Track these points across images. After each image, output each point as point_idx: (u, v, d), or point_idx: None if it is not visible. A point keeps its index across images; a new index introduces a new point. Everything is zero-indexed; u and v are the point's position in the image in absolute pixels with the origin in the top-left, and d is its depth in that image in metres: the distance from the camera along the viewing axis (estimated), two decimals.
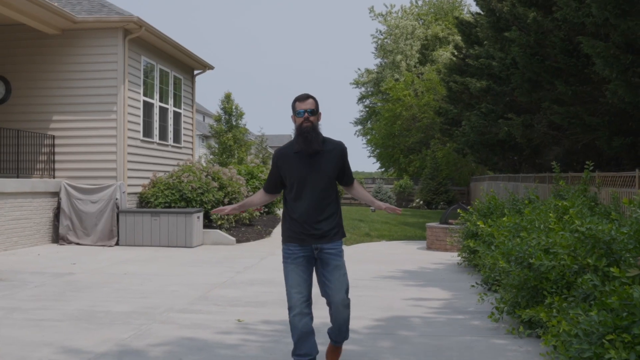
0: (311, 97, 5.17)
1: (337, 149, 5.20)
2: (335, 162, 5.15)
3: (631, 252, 5.13)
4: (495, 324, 6.98)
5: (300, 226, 5.11)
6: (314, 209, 5.11)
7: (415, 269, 11.59)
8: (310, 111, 5.08)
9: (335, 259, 5.10)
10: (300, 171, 5.12)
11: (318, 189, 5.12)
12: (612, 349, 4.12)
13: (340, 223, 5.25)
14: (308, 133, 5.06)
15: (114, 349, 5.94)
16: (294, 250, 5.11)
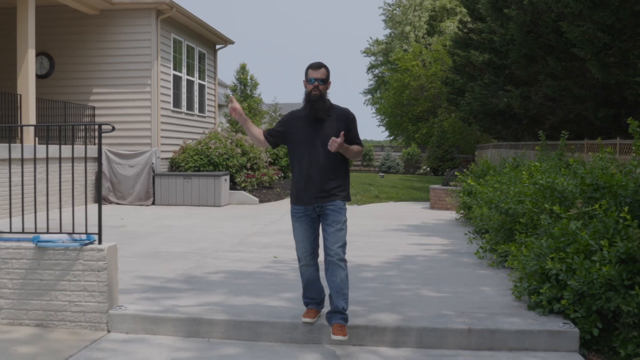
0: (324, 66, 5.52)
1: (342, 115, 5.56)
2: (339, 129, 5.43)
3: (577, 198, 6.83)
4: (480, 260, 8.75)
5: (304, 188, 5.49)
6: (316, 172, 5.46)
7: (419, 223, 13.33)
8: (321, 80, 5.45)
9: (334, 214, 5.44)
10: (305, 134, 5.50)
11: (320, 152, 5.44)
12: (551, 262, 5.85)
13: (342, 185, 5.56)
14: (316, 101, 5.45)
15: (180, 275, 7.70)
16: (298, 210, 5.56)
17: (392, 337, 5.52)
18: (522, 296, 6.39)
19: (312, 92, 5.45)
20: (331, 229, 5.42)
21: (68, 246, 5.85)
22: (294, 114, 5.69)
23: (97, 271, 5.82)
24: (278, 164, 22.87)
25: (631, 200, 6.27)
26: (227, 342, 5.59)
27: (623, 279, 5.50)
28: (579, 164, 7.69)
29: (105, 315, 5.85)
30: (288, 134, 5.61)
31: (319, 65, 5.50)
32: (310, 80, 5.47)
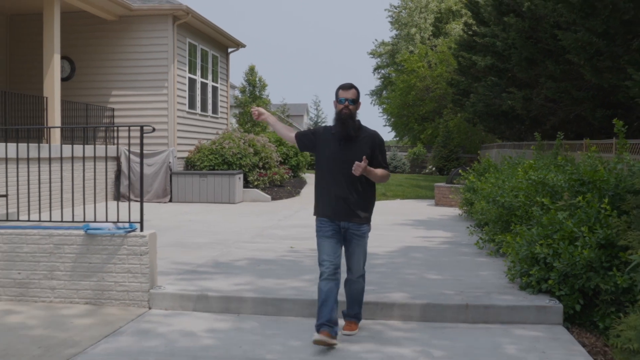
0: (354, 87, 5.66)
1: (370, 137, 5.69)
2: (366, 149, 5.60)
3: (565, 191, 7.60)
4: (479, 249, 9.54)
5: (328, 204, 5.65)
6: (342, 189, 5.59)
7: (424, 218, 14.11)
8: (351, 100, 5.60)
9: (360, 239, 5.67)
10: (333, 150, 5.63)
11: (346, 172, 5.55)
12: (539, 247, 6.64)
13: (366, 206, 5.71)
14: (346, 120, 5.58)
15: (208, 262, 8.51)
16: (324, 224, 5.66)
17: (400, 312, 6.32)
18: (515, 278, 7.18)
19: (343, 111, 5.59)
20: (355, 252, 5.70)
21: (114, 233, 6.66)
22: (325, 129, 5.81)
23: (139, 255, 6.63)
24: (288, 164, 23.63)
25: (612, 194, 7.06)
26: (255, 316, 6.40)
27: (602, 262, 6.28)
28: (567, 162, 8.48)
29: (147, 294, 6.65)
30: (317, 144, 5.77)
31: (349, 86, 5.66)
32: (340, 100, 5.61)
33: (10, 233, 6.84)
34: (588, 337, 6.01)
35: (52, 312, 6.49)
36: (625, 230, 6.28)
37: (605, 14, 11.07)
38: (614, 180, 7.14)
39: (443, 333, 5.92)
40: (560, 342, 5.68)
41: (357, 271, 5.77)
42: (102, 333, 5.81)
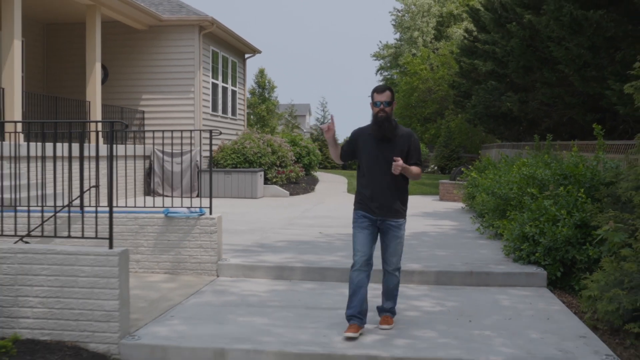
0: (388, 88, 5.92)
1: (405, 136, 5.96)
2: (402, 147, 5.89)
3: (550, 184, 9.26)
4: (480, 234, 11.23)
5: (368, 199, 5.94)
6: (380, 186, 5.88)
7: (431, 211, 15.78)
8: (386, 103, 5.84)
9: (394, 230, 5.95)
10: (371, 151, 5.91)
11: (384, 170, 5.84)
12: (529, 228, 8.31)
13: (403, 201, 6.02)
14: (382, 122, 5.85)
15: (254, 243, 10.17)
16: (361, 217, 5.96)
17: (418, 278, 7.99)
18: (509, 253, 8.87)
19: (379, 113, 5.86)
20: (392, 243, 5.98)
21: (189, 216, 8.32)
22: (361, 130, 6.11)
23: (209, 234, 8.30)
24: (301, 162, 25.28)
25: (588, 185, 8.73)
26: (304, 281, 8.07)
27: (578, 238, 7.95)
28: (553, 160, 10.20)
29: (215, 265, 8.32)
30: (357, 149, 6.06)
31: (383, 88, 5.92)
32: (376, 104, 5.87)
33: (102, 217, 8.50)
34: (566, 297, 7.67)
35: (140, 279, 8.15)
36: (597, 213, 7.94)
37: (590, 32, 12.73)
38: (590, 175, 8.83)
39: (453, 292, 7.60)
40: (544, 298, 7.36)
41: (392, 263, 6.05)
42: (187, 292, 7.47)
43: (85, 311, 5.56)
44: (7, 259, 5.62)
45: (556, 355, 5.30)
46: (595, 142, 14.49)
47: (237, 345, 5.46)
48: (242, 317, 6.36)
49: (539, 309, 6.88)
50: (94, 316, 5.55)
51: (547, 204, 8.56)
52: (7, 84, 13.50)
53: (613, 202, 8.05)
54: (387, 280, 6.18)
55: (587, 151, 13.33)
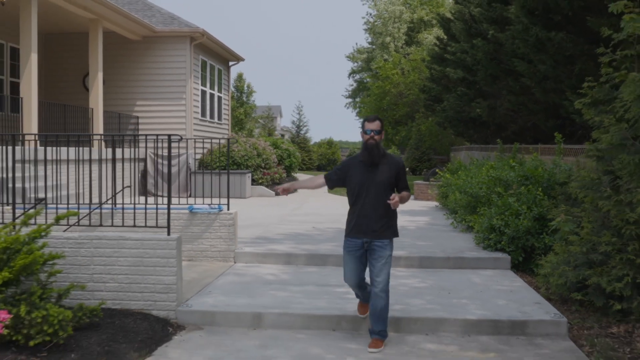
0: (378, 119, 6.26)
1: (393, 163, 6.27)
2: (390, 173, 6.19)
3: (514, 183, 10.88)
4: (454, 228, 12.86)
5: (357, 223, 6.25)
6: (369, 210, 6.17)
7: (408, 209, 17.36)
8: (376, 131, 6.16)
9: (380, 250, 6.18)
10: (362, 177, 6.21)
11: (374, 194, 6.15)
12: (496, 220, 9.92)
13: (390, 224, 6.29)
14: (371, 149, 6.16)
15: (259, 236, 11.66)
16: (351, 244, 6.30)
17: (404, 262, 9.58)
18: (479, 243, 10.49)
19: (369, 141, 6.17)
20: (377, 263, 6.20)
21: (210, 211, 9.81)
22: (352, 159, 6.45)
23: (227, 226, 9.80)
24: (283, 164, 26.76)
25: (546, 185, 10.38)
26: (308, 266, 9.60)
27: (536, 229, 9.59)
28: (517, 163, 11.89)
29: (233, 253, 9.82)
30: (347, 177, 6.35)
31: (373, 118, 6.27)
32: (367, 132, 6.19)
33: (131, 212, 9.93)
34: (526, 277, 9.29)
35: None
36: (552, 208, 9.58)
37: (553, 50, 14.40)
38: (547, 176, 10.50)
39: (434, 273, 9.19)
40: (508, 278, 8.97)
41: (379, 283, 6.19)
42: (214, 275, 8.96)
43: (149, 285, 7.03)
44: (84, 244, 7.07)
45: (517, 315, 6.90)
46: (556, 146, 16.26)
47: (270, 310, 7.00)
48: (266, 292, 7.88)
49: (504, 285, 8.49)
50: (156, 289, 7.03)
51: (511, 200, 10.19)
52: (25, 93, 14.84)
53: (565, 199, 9.68)
54: (374, 302, 6.25)
55: (548, 154, 15.00)
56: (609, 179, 7.69)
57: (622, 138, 7.46)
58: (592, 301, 7.45)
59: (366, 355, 6.08)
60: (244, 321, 6.92)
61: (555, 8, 14.08)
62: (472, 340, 6.57)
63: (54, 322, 5.79)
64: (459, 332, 6.73)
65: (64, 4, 15.94)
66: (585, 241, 7.66)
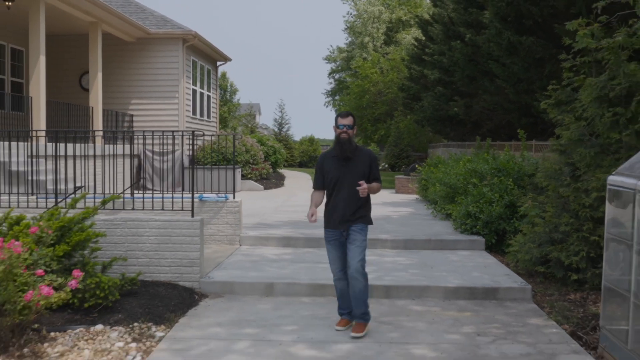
0: (351, 114, 6.49)
1: (365, 156, 6.54)
2: (363, 166, 6.47)
3: (488, 175, 12.14)
4: (434, 217, 14.14)
5: (332, 214, 6.57)
6: (344, 201, 6.47)
7: (390, 201, 18.64)
8: (349, 126, 6.43)
9: (354, 234, 6.46)
10: (336, 171, 6.50)
11: (348, 186, 6.43)
12: (472, 207, 11.18)
13: (364, 212, 6.57)
14: (344, 143, 6.42)
15: (258, 224, 12.82)
16: (330, 234, 6.63)
17: (390, 244, 10.82)
18: (457, 228, 11.76)
19: (341, 135, 6.45)
20: (351, 246, 6.45)
21: (218, 200, 10.97)
22: (326, 154, 6.73)
23: (234, 213, 10.96)
24: (269, 160, 27.93)
25: (516, 176, 11.66)
26: (306, 248, 10.80)
27: (507, 215, 10.86)
28: (491, 158, 13.20)
29: (238, 237, 11.00)
30: (324, 172, 6.64)
31: (346, 114, 6.53)
32: (339, 126, 6.47)
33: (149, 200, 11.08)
34: (498, 256, 10.55)
35: None
36: (521, 196, 10.87)
37: (524, 53, 15.73)
38: (517, 168, 11.79)
39: (417, 253, 10.44)
40: (482, 256, 10.25)
41: (352, 266, 6.43)
42: (224, 255, 10.13)
43: (176, 260, 8.20)
44: (120, 225, 8.23)
45: (489, 283, 8.17)
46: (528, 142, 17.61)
47: (279, 280, 8.20)
48: (273, 268, 9.09)
49: (478, 262, 9.76)
50: (182, 263, 8.20)
51: (485, 190, 11.47)
52: (34, 93, 15.90)
53: (533, 188, 10.96)
54: (352, 284, 6.50)
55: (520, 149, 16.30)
56: (569, 169, 8.97)
57: (580, 134, 8.74)
58: (553, 273, 8.73)
59: None
60: (257, 290, 8.11)
61: (527, 14, 15.42)
62: (451, 303, 7.82)
63: (105, 288, 6.96)
64: (441, 298, 7.98)
65: (69, 9, 17.01)
66: (548, 223, 8.93)
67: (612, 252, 6.00)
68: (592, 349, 6.24)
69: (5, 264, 5.53)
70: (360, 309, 6.54)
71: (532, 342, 6.36)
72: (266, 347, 6.20)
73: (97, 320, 6.85)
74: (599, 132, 8.38)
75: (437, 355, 5.97)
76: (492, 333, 6.64)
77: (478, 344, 6.28)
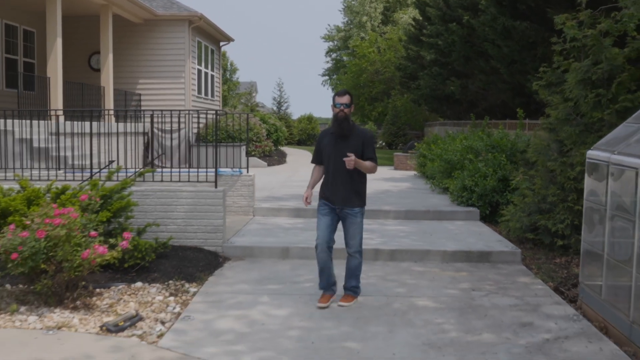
0: (348, 93, 6.62)
1: (361, 134, 6.71)
2: (357, 145, 6.61)
3: (483, 151, 13.03)
4: (432, 190, 15.06)
5: (329, 190, 6.83)
6: (340, 178, 6.67)
7: (389, 177, 19.54)
8: (346, 104, 6.56)
9: (352, 217, 6.75)
10: (332, 148, 6.69)
11: (341, 163, 6.58)
12: (467, 181, 12.08)
13: (359, 192, 6.77)
14: (341, 121, 6.58)
15: (268, 197, 13.70)
16: (323, 205, 6.93)
17: (392, 215, 11.73)
18: (454, 200, 12.68)
19: (339, 113, 6.60)
20: (350, 228, 6.79)
21: (233, 174, 11.85)
22: (325, 131, 6.97)
23: (248, 186, 11.85)
24: (271, 138, 28.78)
25: (509, 152, 12.57)
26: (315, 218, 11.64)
27: (500, 188, 11.77)
28: (485, 135, 14.11)
29: (252, 208, 11.90)
30: (322, 147, 6.89)
31: (343, 92, 6.66)
32: (337, 105, 6.61)
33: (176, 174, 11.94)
34: (491, 226, 11.47)
35: None
36: (513, 171, 11.77)
37: (518, 37, 16.58)
38: (510, 145, 12.69)
39: (417, 223, 11.36)
40: (477, 226, 11.17)
41: (352, 246, 6.81)
42: (241, 224, 11.03)
43: (201, 226, 9.10)
44: (150, 195, 9.11)
45: (483, 248, 9.12)
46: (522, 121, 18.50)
47: (294, 245, 9.12)
48: (286, 235, 10.00)
49: (473, 230, 10.69)
50: (207, 229, 9.10)
51: (480, 165, 12.38)
52: (51, 74, 16.69)
53: (524, 163, 11.84)
54: (349, 261, 6.94)
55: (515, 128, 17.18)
56: (557, 146, 9.85)
57: (567, 114, 9.62)
58: (541, 240, 9.65)
59: (373, 272, 8.21)
60: (275, 253, 9.04)
61: (520, 0, 16.25)
62: (449, 265, 8.76)
63: (142, 250, 7.86)
64: (440, 260, 8.91)
65: None
66: (537, 194, 9.84)
67: (589, 218, 6.90)
68: (572, 301, 7.18)
69: (66, 227, 6.41)
70: (352, 282, 6.98)
71: (520, 295, 7.30)
72: (287, 299, 7.12)
73: (135, 278, 7.76)
74: (583, 112, 9.24)
75: (437, 305, 6.90)
76: (485, 289, 7.57)
77: (473, 297, 7.20)
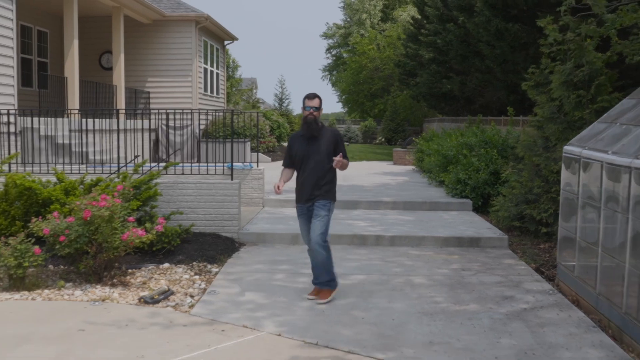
0: (317, 96, 6.87)
1: (331, 135, 6.93)
2: (328, 144, 6.85)
3: (476, 147, 13.95)
4: (429, 183, 16.00)
5: (301, 190, 7.03)
6: (311, 178, 6.88)
7: (388, 171, 20.48)
8: (315, 108, 6.83)
9: (317, 209, 6.86)
10: (303, 149, 6.90)
11: (314, 163, 6.84)
12: (462, 175, 13.02)
13: (330, 189, 6.94)
14: (310, 123, 6.82)
15: None
16: (299, 209, 7.10)
17: (391, 206, 12.68)
18: (449, 193, 13.63)
19: (308, 116, 6.85)
20: (314, 221, 6.88)
21: (243, 167, 12.79)
22: (295, 134, 7.13)
23: (258, 179, 12.80)
24: (274, 134, 29.71)
25: (501, 148, 13.51)
26: None
27: (492, 181, 12.71)
28: (479, 132, 15.07)
29: (262, 199, 12.85)
30: (292, 151, 7.07)
31: (313, 96, 6.90)
32: (306, 108, 6.87)
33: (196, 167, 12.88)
34: (483, 216, 12.42)
35: None
36: (504, 165, 12.71)
37: (510, 38, 17.51)
38: (501, 141, 13.65)
39: (415, 213, 12.31)
40: (470, 215, 12.13)
41: (313, 239, 6.85)
42: (253, 213, 11.98)
43: (219, 215, 10.05)
44: (171, 187, 10.06)
45: (474, 234, 10.08)
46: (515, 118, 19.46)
47: None
48: (295, 223, 10.81)
49: (466, 219, 11.65)
50: (224, 217, 10.05)
51: (473, 160, 13.33)
52: (69, 74, 17.62)
53: (514, 158, 12.78)
54: (314, 256, 6.99)
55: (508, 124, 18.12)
56: (542, 142, 10.79)
57: (551, 113, 10.56)
58: (527, 227, 10.59)
59: (375, 255, 9.17)
60: (285, 239, 10.00)
61: (512, 4, 17.17)
62: (443, 249, 9.73)
63: (169, 234, 8.81)
64: (434, 245, 9.88)
65: None
66: (523, 186, 10.78)
67: (566, 206, 7.85)
68: (551, 280, 8.14)
69: (110, 210, 7.36)
70: (324, 277, 7.02)
71: (504, 274, 8.26)
72: (299, 277, 8.08)
73: (163, 260, 8.72)
74: (566, 111, 10.17)
75: (430, 282, 7.85)
76: (474, 269, 8.53)
77: (462, 276, 8.16)
